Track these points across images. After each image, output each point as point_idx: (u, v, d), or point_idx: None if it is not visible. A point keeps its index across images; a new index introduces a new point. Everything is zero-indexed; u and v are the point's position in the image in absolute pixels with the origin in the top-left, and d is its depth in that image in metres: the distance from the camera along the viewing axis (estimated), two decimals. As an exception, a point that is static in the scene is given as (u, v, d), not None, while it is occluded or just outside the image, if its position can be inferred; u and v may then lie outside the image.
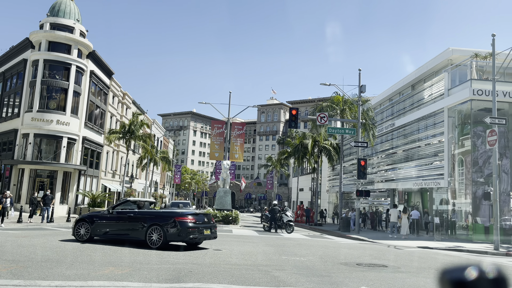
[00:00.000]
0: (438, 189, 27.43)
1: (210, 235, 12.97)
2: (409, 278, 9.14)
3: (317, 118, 25.92)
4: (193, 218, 12.51)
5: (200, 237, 12.60)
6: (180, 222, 12.16)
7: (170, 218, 12.34)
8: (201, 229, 12.54)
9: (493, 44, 19.13)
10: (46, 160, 35.27)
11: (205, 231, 12.70)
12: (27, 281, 6.68)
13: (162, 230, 12.13)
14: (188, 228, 12.11)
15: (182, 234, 12.10)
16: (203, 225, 12.75)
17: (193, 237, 12.33)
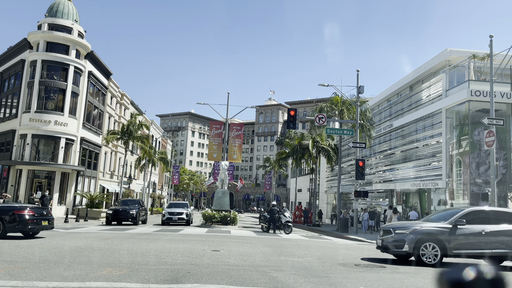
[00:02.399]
0: (436, 190, 27.48)
1: (47, 226, 14.74)
2: (408, 278, 9.16)
3: (315, 119, 25.95)
4: (31, 211, 14.09)
5: (38, 227, 14.32)
6: (19, 215, 13.66)
7: (9, 211, 13.76)
8: (39, 221, 14.18)
9: (490, 45, 19.18)
10: (44, 160, 35.21)
11: (43, 222, 14.41)
12: (25, 282, 6.66)
13: (1, 222, 13.55)
14: (26, 220, 13.66)
15: (20, 226, 13.68)
16: (41, 217, 14.40)
17: (31, 228, 14.02)
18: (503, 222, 11.80)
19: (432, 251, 11.29)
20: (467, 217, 11.72)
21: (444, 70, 27.37)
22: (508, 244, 11.46)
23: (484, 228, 11.53)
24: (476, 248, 11.44)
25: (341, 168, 34.20)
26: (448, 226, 11.54)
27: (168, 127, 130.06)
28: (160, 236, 17.83)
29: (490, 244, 11.43)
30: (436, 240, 11.34)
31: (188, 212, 28.75)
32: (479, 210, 12.38)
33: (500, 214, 12.22)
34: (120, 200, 32.05)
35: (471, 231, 11.48)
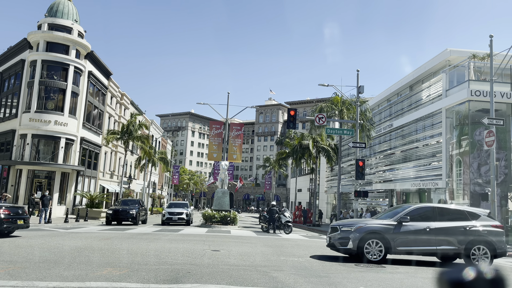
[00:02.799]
0: (436, 189, 27.48)
1: (23, 225, 15.07)
2: (407, 278, 9.16)
3: (315, 118, 25.95)
4: (7, 210, 14.34)
5: (13, 226, 14.57)
6: None
7: None
8: (14, 220, 14.48)
9: (491, 45, 19.18)
10: (44, 160, 35.21)
11: (18, 221, 14.74)
12: (25, 282, 6.66)
13: None
14: (1, 219, 13.90)
15: None
16: (16, 216, 14.73)
17: (7, 227, 14.23)
18: (450, 219, 11.79)
19: (377, 248, 11.28)
20: (413, 214, 11.74)
21: (444, 70, 27.37)
22: (453, 241, 11.44)
23: (429, 225, 11.52)
24: (420, 245, 11.44)
25: (341, 168, 34.21)
26: (393, 223, 11.56)
27: (168, 127, 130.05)
28: (160, 236, 17.83)
29: (435, 241, 11.41)
30: (380, 238, 11.32)
31: (188, 212, 28.76)
32: (425, 207, 12.38)
33: (447, 211, 12.25)
34: (120, 200, 32.05)
35: (416, 228, 11.48)
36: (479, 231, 11.53)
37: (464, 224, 11.64)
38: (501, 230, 11.86)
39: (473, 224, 11.65)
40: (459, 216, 11.88)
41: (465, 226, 11.60)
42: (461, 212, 12.09)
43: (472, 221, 11.72)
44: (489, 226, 11.70)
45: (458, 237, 11.45)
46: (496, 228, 11.80)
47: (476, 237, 11.46)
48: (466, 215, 11.90)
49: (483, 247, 11.41)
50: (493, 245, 11.44)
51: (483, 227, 11.63)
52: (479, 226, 11.63)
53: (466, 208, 12.76)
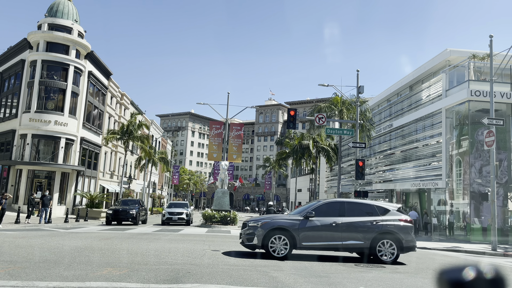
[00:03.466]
0: (436, 189, 27.48)
1: None
2: (407, 278, 9.16)
3: (315, 119, 25.94)
4: None
5: None
6: None
7: None
8: None
9: (490, 45, 19.17)
10: (44, 160, 35.21)
11: None
12: (25, 282, 6.66)
13: None
14: None
15: None
16: None
17: None
18: (359, 214, 11.67)
19: (282, 244, 11.17)
20: (320, 210, 11.66)
21: (444, 70, 27.37)
22: (360, 236, 11.32)
23: (335, 220, 11.42)
24: (326, 240, 11.35)
25: (341, 168, 34.20)
26: (299, 219, 11.45)
27: (168, 127, 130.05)
28: (160, 236, 17.83)
29: (342, 236, 11.29)
30: (286, 233, 11.22)
31: (188, 212, 28.77)
32: (334, 202, 12.29)
33: (356, 206, 12.05)
34: (120, 200, 32.05)
35: (322, 223, 11.38)
36: (386, 225, 11.39)
37: (372, 219, 11.50)
38: (409, 225, 11.64)
39: (381, 218, 11.49)
40: (368, 211, 11.74)
41: (372, 221, 11.46)
42: (371, 207, 11.92)
43: (380, 216, 11.56)
44: (396, 221, 11.53)
45: (364, 232, 11.32)
46: (404, 222, 11.60)
47: (383, 231, 11.32)
48: (376, 210, 11.75)
49: (389, 242, 11.28)
50: (400, 240, 11.32)
51: (391, 222, 11.48)
52: (386, 221, 11.47)
53: (376, 202, 12.54)
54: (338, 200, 12.66)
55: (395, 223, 11.51)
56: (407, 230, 11.54)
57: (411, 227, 11.71)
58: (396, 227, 11.43)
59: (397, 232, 11.37)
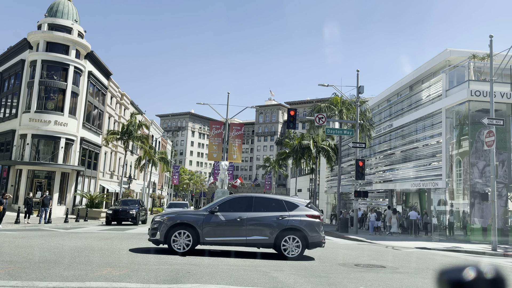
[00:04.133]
0: (436, 190, 27.48)
1: None
2: (407, 278, 9.16)
3: (315, 119, 25.95)
4: None
5: None
6: None
7: None
8: None
9: (490, 45, 19.17)
10: (44, 160, 35.22)
11: None
12: (25, 282, 6.66)
13: None
14: None
15: None
16: None
17: None
18: (266, 209, 11.56)
19: (185, 239, 11.07)
20: (228, 205, 11.61)
21: (444, 70, 27.38)
22: (265, 231, 11.20)
23: (241, 215, 11.32)
24: (230, 235, 11.23)
25: (341, 168, 34.20)
26: (205, 214, 11.38)
27: (168, 127, 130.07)
28: (160, 236, 17.79)
29: (246, 231, 11.18)
30: (189, 228, 11.13)
31: (188, 212, 28.73)
32: (242, 197, 12.20)
33: (264, 201, 11.96)
34: (120, 200, 32.06)
35: (227, 218, 11.29)
36: (291, 221, 11.27)
37: (278, 214, 11.39)
38: (316, 220, 11.50)
39: (288, 214, 11.38)
40: (276, 206, 11.64)
41: (278, 216, 11.35)
42: (279, 202, 11.80)
43: (288, 212, 11.44)
44: (303, 216, 11.41)
45: (270, 227, 11.21)
46: (310, 218, 11.46)
47: (288, 227, 11.22)
48: (284, 205, 11.63)
49: (294, 237, 11.21)
50: (306, 236, 11.23)
51: (297, 218, 11.36)
52: (293, 216, 11.35)
53: (285, 197, 12.42)
54: (246, 195, 12.52)
55: (301, 218, 11.36)
56: (314, 226, 11.39)
57: (318, 222, 11.54)
58: (302, 223, 11.29)
59: (303, 228, 11.23)
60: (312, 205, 12.24)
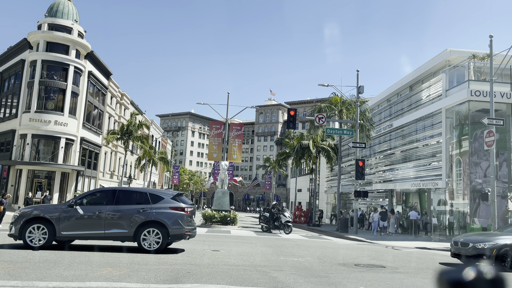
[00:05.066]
0: (436, 190, 27.48)
1: None
2: (407, 278, 9.16)
3: (315, 119, 25.95)
4: None
5: None
6: None
7: None
8: None
9: (490, 45, 19.18)
10: (44, 160, 35.21)
11: None
12: (25, 282, 6.66)
13: None
14: None
15: None
16: None
17: None
18: (129, 202, 11.42)
19: (40, 233, 10.83)
20: (89, 198, 11.56)
21: (444, 70, 27.37)
22: (124, 224, 11.07)
23: (101, 208, 11.18)
24: (88, 229, 11.06)
25: (341, 168, 34.20)
26: (62, 208, 11.24)
27: (168, 127, 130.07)
28: (160, 236, 17.79)
29: (106, 224, 11.03)
30: (45, 223, 10.89)
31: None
32: (105, 190, 12.11)
33: (128, 194, 11.84)
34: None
35: (86, 211, 11.13)
36: (152, 213, 11.14)
37: (140, 207, 11.26)
38: (179, 213, 11.31)
39: (150, 206, 11.27)
40: (139, 199, 11.53)
41: (140, 209, 11.21)
42: (143, 195, 11.69)
43: (151, 204, 11.32)
44: (167, 209, 11.27)
45: (129, 221, 11.06)
46: (174, 210, 11.32)
47: (149, 220, 11.07)
48: (148, 198, 11.53)
49: (155, 230, 11.07)
50: (167, 228, 11.09)
51: (160, 210, 11.23)
52: (155, 209, 11.24)
53: (151, 190, 12.31)
54: (110, 188, 12.35)
55: (164, 211, 11.24)
56: (176, 218, 11.22)
57: (182, 215, 11.34)
58: (164, 215, 11.16)
59: (164, 220, 11.10)
60: (182, 198, 12.09)
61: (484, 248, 11.44)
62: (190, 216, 11.67)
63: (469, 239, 12.38)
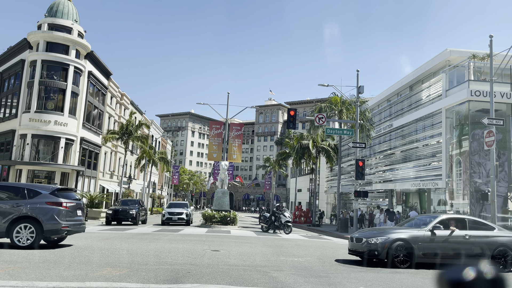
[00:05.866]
0: (436, 189, 27.48)
1: None
2: (407, 278, 9.16)
3: (315, 119, 25.95)
4: None
5: None
6: None
7: None
8: None
9: (490, 45, 19.18)
10: (44, 160, 35.22)
11: None
12: (25, 282, 6.66)
13: None
14: None
15: None
16: None
17: None
18: (5, 197, 11.28)
19: None
20: None
21: (444, 70, 27.38)
22: None
23: None
24: None
25: (341, 168, 34.21)
26: None
27: (168, 127, 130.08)
28: (160, 236, 17.83)
29: None
30: None
31: (188, 212, 28.75)
32: None
33: (4, 189, 11.66)
34: (120, 200, 32.04)
35: None
36: (26, 208, 10.98)
37: (15, 202, 11.09)
38: (57, 208, 11.12)
39: (25, 202, 11.10)
40: (16, 194, 11.35)
41: (14, 204, 11.04)
42: (20, 189, 11.49)
43: (27, 199, 11.15)
44: (43, 204, 11.10)
45: (3, 216, 10.86)
46: (51, 205, 11.14)
47: (23, 215, 10.90)
48: (24, 193, 11.33)
49: (27, 225, 10.89)
50: (41, 224, 10.92)
51: (34, 205, 11.04)
52: (30, 204, 11.07)
53: (29, 185, 12.10)
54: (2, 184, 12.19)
55: (40, 206, 11.07)
56: (52, 213, 11.05)
57: (58, 210, 11.18)
58: (39, 210, 11.00)
59: (38, 215, 10.95)
60: (66, 193, 11.98)
61: (376, 243, 10.89)
62: (71, 211, 11.58)
63: (363, 234, 11.83)
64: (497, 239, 11.54)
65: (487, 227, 12.05)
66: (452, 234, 11.29)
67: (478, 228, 11.81)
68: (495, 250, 11.32)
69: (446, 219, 11.85)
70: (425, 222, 11.92)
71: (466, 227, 11.60)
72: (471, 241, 11.30)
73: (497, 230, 12.00)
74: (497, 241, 11.47)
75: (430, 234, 11.13)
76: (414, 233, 11.16)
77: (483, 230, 11.79)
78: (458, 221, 11.90)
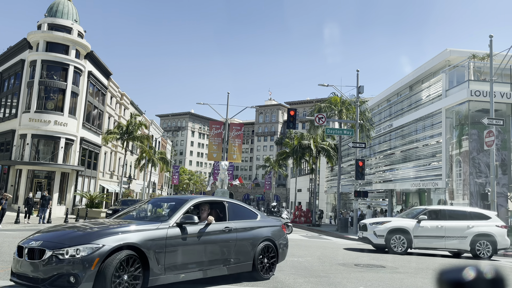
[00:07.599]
0: (436, 190, 27.48)
1: None
2: (407, 278, 9.16)
3: (315, 119, 25.95)
4: None
5: None
6: None
7: None
8: None
9: (490, 45, 19.19)
10: (44, 160, 35.19)
11: None
12: (25, 282, 6.63)
13: None
14: None
15: None
16: None
17: None
18: None
19: None
20: None
21: (444, 70, 27.37)
22: None
23: None
24: None
25: (341, 168, 34.19)
26: None
27: (168, 127, 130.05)
28: (160, 236, 17.76)
29: None
30: None
31: (188, 212, 28.69)
32: None
33: None
34: (120, 200, 32.05)
35: None
36: None
37: None
38: None
39: None
40: None
41: None
42: None
43: None
44: None
45: None
46: None
47: None
48: None
49: None
50: None
51: None
52: None
53: None
54: None
55: None
56: None
57: None
58: None
59: None
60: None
61: None
62: None
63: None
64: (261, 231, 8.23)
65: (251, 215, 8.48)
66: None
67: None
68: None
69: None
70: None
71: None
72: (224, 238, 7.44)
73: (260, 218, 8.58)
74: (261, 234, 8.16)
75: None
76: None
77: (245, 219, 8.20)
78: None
